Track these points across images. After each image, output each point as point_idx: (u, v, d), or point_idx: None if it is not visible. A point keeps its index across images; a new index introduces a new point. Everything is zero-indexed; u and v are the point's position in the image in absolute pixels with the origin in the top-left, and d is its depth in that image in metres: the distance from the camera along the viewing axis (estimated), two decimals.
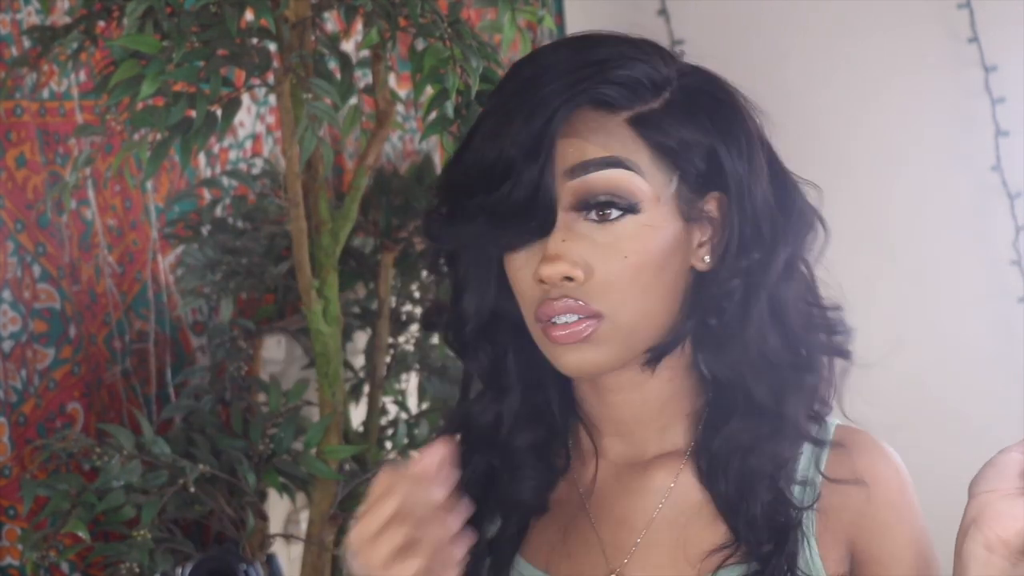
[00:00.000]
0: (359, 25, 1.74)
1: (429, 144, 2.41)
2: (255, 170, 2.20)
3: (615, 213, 1.21)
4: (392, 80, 1.85)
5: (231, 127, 2.09)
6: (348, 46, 2.16)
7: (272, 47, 1.67)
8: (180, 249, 2.05)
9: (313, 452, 1.78)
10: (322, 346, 1.75)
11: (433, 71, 1.51)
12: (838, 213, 1.30)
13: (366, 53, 1.84)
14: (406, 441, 1.97)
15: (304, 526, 1.92)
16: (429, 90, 1.52)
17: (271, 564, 1.91)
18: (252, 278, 1.98)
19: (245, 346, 1.99)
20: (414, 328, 2.11)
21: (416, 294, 2.10)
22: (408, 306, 2.10)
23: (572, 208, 1.22)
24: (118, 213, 2.03)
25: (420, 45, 1.54)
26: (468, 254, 1.28)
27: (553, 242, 1.21)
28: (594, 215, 1.22)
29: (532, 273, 1.23)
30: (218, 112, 1.58)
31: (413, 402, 2.12)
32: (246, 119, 2.26)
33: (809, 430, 1.27)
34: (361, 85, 1.81)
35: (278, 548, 1.97)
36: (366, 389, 2.03)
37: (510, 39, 1.59)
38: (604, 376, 1.27)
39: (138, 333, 2.05)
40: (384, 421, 2.04)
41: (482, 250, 1.26)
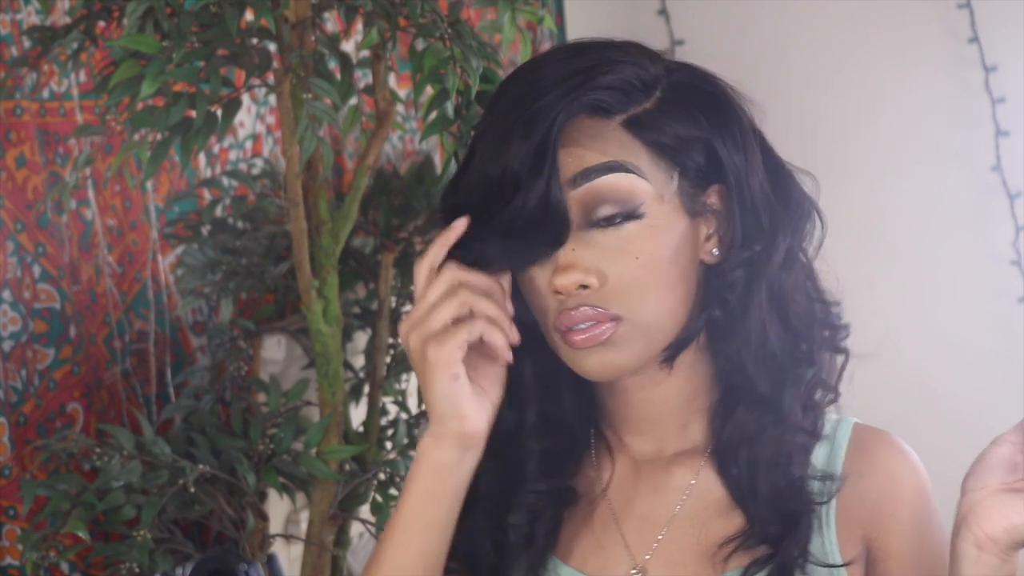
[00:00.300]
0: (359, 25, 1.74)
1: (429, 144, 2.41)
2: (255, 170, 2.20)
3: (621, 217, 1.22)
4: (392, 80, 1.85)
5: (231, 127, 2.09)
6: (348, 46, 2.17)
7: (272, 47, 1.67)
8: (180, 249, 2.05)
9: (313, 452, 1.78)
10: (322, 346, 1.75)
11: (433, 71, 1.51)
12: (838, 213, 1.30)
13: (366, 53, 1.84)
14: (406, 441, 1.97)
15: (304, 526, 1.92)
16: (429, 90, 1.52)
17: (271, 564, 1.91)
18: (252, 278, 1.98)
19: (245, 346, 1.99)
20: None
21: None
22: (408, 306, 2.10)
23: (578, 216, 1.22)
24: (118, 213, 2.04)
25: (420, 45, 1.54)
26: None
27: (564, 252, 1.23)
28: (601, 221, 1.22)
29: (546, 285, 1.24)
30: (218, 112, 1.58)
31: (413, 402, 2.12)
32: (246, 119, 2.27)
33: (803, 421, 1.27)
34: (361, 85, 1.81)
35: (278, 548, 1.97)
36: (366, 389, 2.03)
37: (510, 39, 1.59)
38: (624, 377, 1.27)
39: (138, 333, 2.05)
40: (384, 421, 2.04)
41: (496, 268, 1.27)
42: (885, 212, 2.95)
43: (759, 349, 1.26)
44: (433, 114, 1.51)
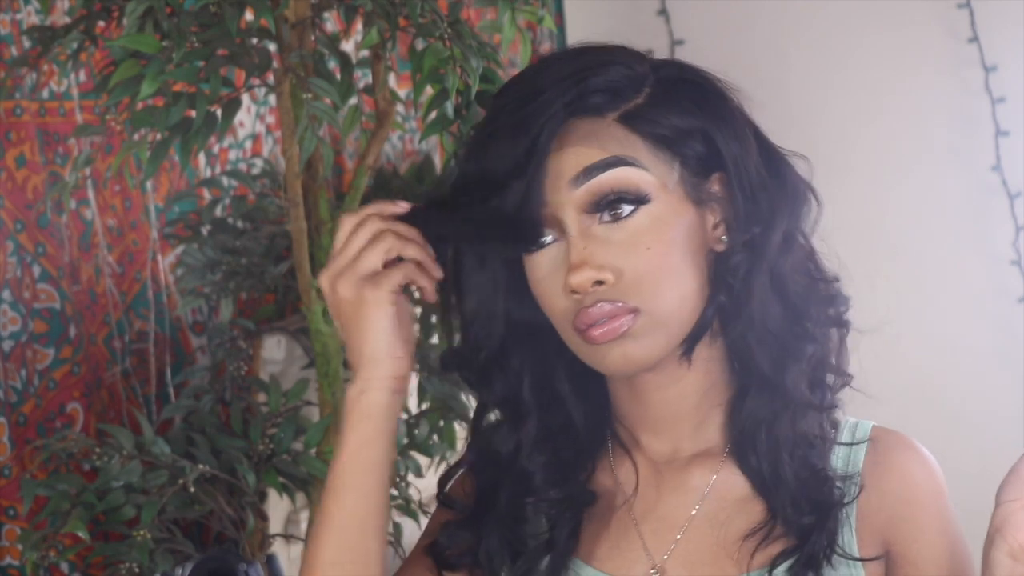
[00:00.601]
0: (359, 25, 1.74)
1: (429, 144, 2.42)
2: (255, 170, 2.20)
3: (627, 209, 1.23)
4: (392, 80, 1.85)
5: (231, 127, 2.09)
6: (348, 46, 2.17)
7: (272, 47, 1.67)
8: (180, 249, 2.05)
9: (313, 452, 1.78)
10: (322, 346, 1.75)
11: (433, 71, 1.51)
12: (838, 213, 1.30)
13: (366, 53, 1.84)
14: (406, 441, 1.97)
15: (304, 526, 1.92)
16: (429, 90, 1.53)
17: (271, 564, 1.91)
18: (252, 278, 1.98)
19: (245, 346, 1.99)
20: (413, 328, 2.10)
21: (416, 294, 2.09)
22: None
23: (585, 214, 1.23)
24: (118, 213, 2.04)
25: (420, 45, 1.55)
26: (474, 286, 1.30)
27: (575, 251, 1.23)
28: (607, 216, 1.23)
29: (560, 287, 1.24)
30: (218, 112, 1.58)
31: (413, 402, 2.11)
32: (246, 119, 2.27)
33: (811, 398, 1.28)
34: (361, 85, 1.81)
35: (278, 548, 1.97)
36: None
37: (510, 39, 1.59)
38: (642, 375, 1.28)
39: (138, 333, 2.05)
40: None
41: (487, 275, 1.29)
42: (885, 212, 2.95)
43: (761, 330, 1.26)
44: (433, 114, 1.52)
